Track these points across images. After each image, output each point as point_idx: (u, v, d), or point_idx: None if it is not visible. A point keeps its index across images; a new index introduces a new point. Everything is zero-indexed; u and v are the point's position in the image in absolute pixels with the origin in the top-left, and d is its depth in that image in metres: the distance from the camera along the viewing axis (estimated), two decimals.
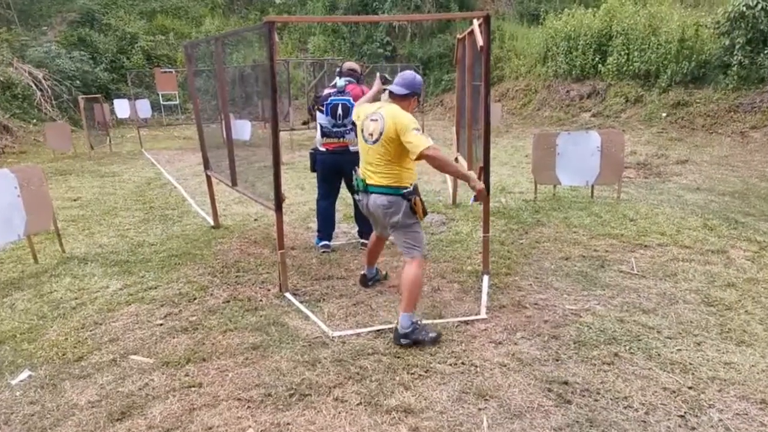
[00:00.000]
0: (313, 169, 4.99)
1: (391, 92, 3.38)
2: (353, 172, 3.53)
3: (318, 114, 4.78)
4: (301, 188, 7.91)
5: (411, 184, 3.33)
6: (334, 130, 4.73)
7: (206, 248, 5.27)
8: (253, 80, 15.66)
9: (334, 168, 4.81)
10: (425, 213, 3.33)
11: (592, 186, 6.75)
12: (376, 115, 3.30)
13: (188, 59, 6.15)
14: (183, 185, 8.51)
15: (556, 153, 6.68)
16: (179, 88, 18.81)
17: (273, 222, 4.97)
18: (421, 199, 3.33)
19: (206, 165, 5.94)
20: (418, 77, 3.39)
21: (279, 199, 3.94)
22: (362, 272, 4.19)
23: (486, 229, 4.28)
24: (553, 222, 5.78)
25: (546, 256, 4.81)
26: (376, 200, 3.33)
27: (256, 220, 6.30)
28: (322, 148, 4.80)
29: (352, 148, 4.65)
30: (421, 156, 3.07)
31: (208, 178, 6.03)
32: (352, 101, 4.63)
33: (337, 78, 4.77)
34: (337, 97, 4.69)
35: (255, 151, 8.47)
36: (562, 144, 6.67)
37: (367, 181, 3.34)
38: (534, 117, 14.85)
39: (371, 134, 3.29)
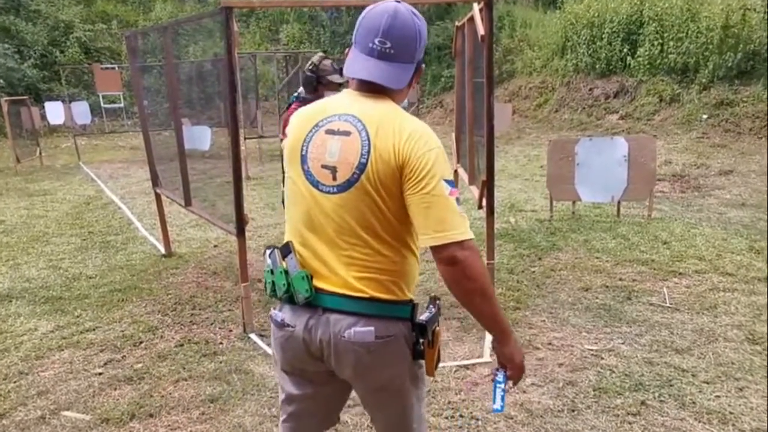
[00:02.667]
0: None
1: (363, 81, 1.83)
2: (269, 255, 1.94)
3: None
4: (272, 208, 7.99)
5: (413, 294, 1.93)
6: None
7: (156, 281, 5.33)
8: (214, 78, 15.83)
9: None
10: (437, 365, 1.92)
11: (619, 202, 6.89)
12: (342, 121, 1.80)
13: (131, 53, 6.27)
14: (129, 205, 8.58)
15: (576, 163, 6.84)
16: (125, 88, 18.96)
17: (235, 249, 5.04)
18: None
19: (155, 181, 6.03)
20: (419, 22, 1.80)
21: (241, 222, 4.02)
22: None
23: (491, 255, 4.38)
24: (572, 246, 5.89)
25: (562, 286, 4.91)
26: (341, 330, 1.79)
27: (215, 246, 6.38)
28: None
29: None
30: (444, 252, 1.69)
31: (158, 196, 6.11)
32: None
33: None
34: None
35: (216, 164, 8.56)
36: (583, 152, 6.83)
37: (319, 283, 1.82)
38: (551, 120, 15.08)
39: (330, 168, 1.78)
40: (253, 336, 4.14)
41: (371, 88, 1.79)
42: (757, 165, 9.82)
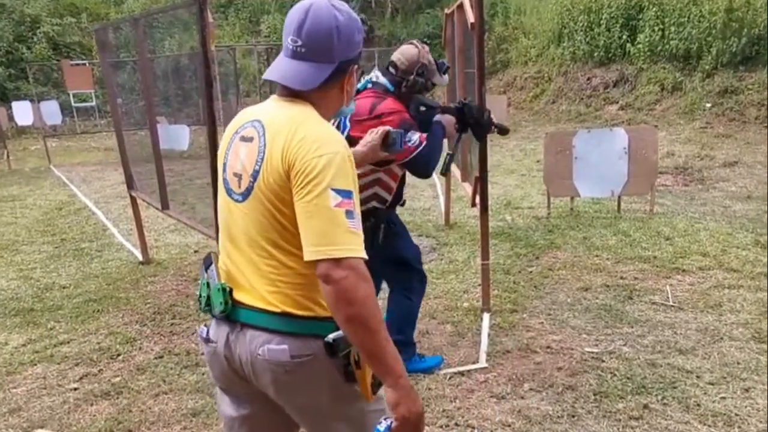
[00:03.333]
0: None
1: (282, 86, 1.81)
2: (209, 267, 1.90)
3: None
4: None
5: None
6: None
7: (133, 290, 5.34)
8: (191, 73, 15.80)
9: None
10: (377, 385, 1.77)
11: (619, 197, 6.94)
12: (251, 127, 1.80)
13: (102, 48, 6.26)
14: (103, 210, 8.56)
15: (573, 157, 6.88)
16: (97, 86, 18.89)
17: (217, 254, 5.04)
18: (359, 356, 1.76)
19: (130, 183, 6.03)
20: (342, 18, 1.74)
21: None
22: None
23: (485, 256, 4.40)
24: (571, 244, 5.94)
25: (561, 286, 4.96)
26: (257, 348, 1.76)
27: (196, 252, 6.38)
28: None
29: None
30: (319, 269, 1.61)
31: (134, 200, 6.11)
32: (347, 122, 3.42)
33: None
34: None
35: (195, 165, 8.56)
36: (581, 145, 6.87)
37: (239, 296, 1.80)
38: (548, 112, 15.15)
39: (238, 176, 1.79)
40: None
41: (289, 92, 1.76)
42: (763, 155, 9.88)
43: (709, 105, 12.36)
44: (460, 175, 5.84)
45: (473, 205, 4.80)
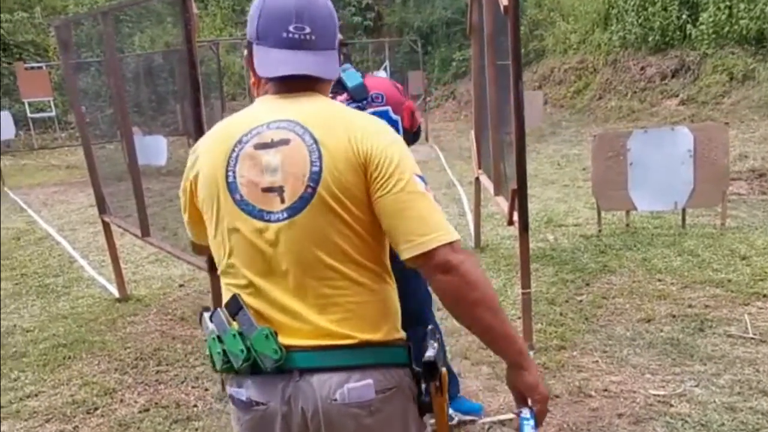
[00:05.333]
0: None
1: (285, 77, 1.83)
2: (208, 319, 1.87)
3: None
4: None
5: None
6: None
7: (110, 332, 5.39)
8: (166, 74, 15.97)
9: None
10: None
11: (683, 210, 6.94)
12: (274, 129, 1.78)
13: (64, 47, 6.33)
14: (69, 239, 8.64)
15: (628, 163, 6.88)
16: (55, 92, 19.05)
17: (207, 288, 5.11)
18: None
19: (101, 207, 6.11)
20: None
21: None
22: None
23: (526, 283, 4.41)
24: (627, 267, 5.95)
25: (618, 318, 4.97)
26: (331, 392, 1.73)
27: (181, 285, 6.45)
28: None
29: None
30: (435, 258, 1.68)
31: (106, 226, 6.18)
32: (393, 117, 3.55)
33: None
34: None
35: (175, 182, 8.63)
36: (636, 149, 6.87)
37: (287, 339, 1.74)
38: (593, 110, 15.13)
39: (276, 189, 1.74)
40: None
41: (296, 87, 1.81)
42: None
43: None
44: (493, 188, 5.85)
45: (510, 223, 4.84)
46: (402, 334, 1.85)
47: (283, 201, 1.72)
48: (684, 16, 14.46)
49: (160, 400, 4.22)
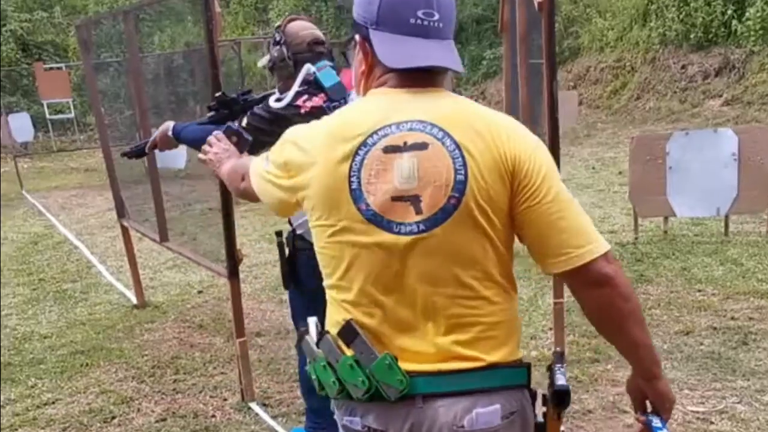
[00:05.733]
0: (291, 283, 3.57)
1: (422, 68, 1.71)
2: (315, 344, 1.83)
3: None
4: (269, 240, 8.03)
5: None
6: None
7: (127, 339, 5.42)
8: (186, 74, 16.03)
9: None
10: None
11: (726, 216, 6.83)
12: (405, 131, 1.66)
13: (84, 47, 6.37)
14: (87, 244, 8.71)
15: (667, 167, 6.79)
16: (75, 93, 19.17)
17: (226, 295, 5.13)
18: None
19: (120, 211, 6.15)
20: None
21: (234, 260, 4.10)
22: None
23: (559, 293, 4.36)
24: (666, 276, 5.88)
25: (655, 330, 4.87)
26: (457, 419, 1.69)
27: (200, 292, 6.47)
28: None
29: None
30: (592, 271, 1.65)
31: (125, 230, 6.20)
32: None
33: (309, 66, 3.35)
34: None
35: (195, 186, 8.70)
36: (677, 152, 6.78)
37: (408, 364, 1.68)
38: (631, 111, 14.97)
39: (410, 198, 1.65)
40: (254, 406, 4.16)
41: (423, 80, 1.70)
42: None
43: None
44: None
45: None
46: (521, 353, 1.80)
47: (419, 212, 1.62)
48: (729, 12, 14.14)
49: (178, 410, 4.22)
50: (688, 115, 13.54)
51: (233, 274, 4.09)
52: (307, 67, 3.18)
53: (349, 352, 1.68)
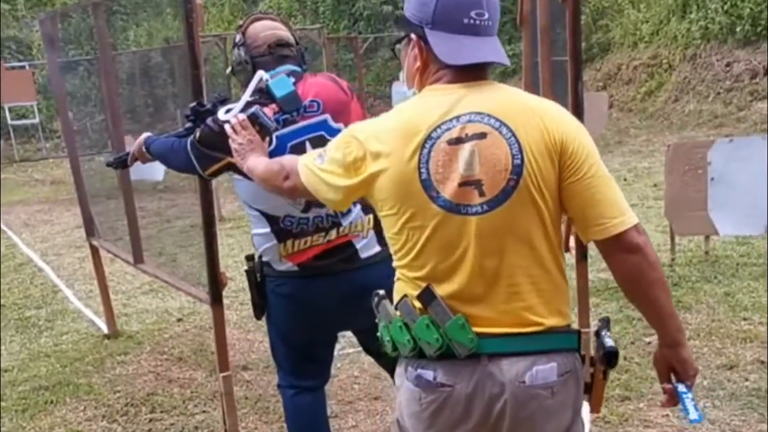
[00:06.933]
0: (261, 313, 3.72)
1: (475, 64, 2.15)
2: (394, 306, 2.25)
3: (235, 175, 3.41)
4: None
5: None
6: (312, 215, 3.42)
7: (97, 373, 5.35)
8: (165, 74, 16.09)
9: (326, 310, 3.53)
10: None
11: None
12: (464, 123, 2.07)
13: (50, 44, 6.33)
14: (53, 265, 8.72)
15: (709, 178, 6.71)
16: (40, 95, 19.21)
17: (208, 324, 5.10)
18: None
19: (89, 229, 6.12)
20: None
21: (216, 284, 4.06)
22: None
23: (584, 321, 4.35)
24: (706, 302, 5.79)
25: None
26: (519, 375, 2.10)
27: (179, 320, 6.41)
28: (285, 265, 3.50)
29: (362, 248, 3.48)
30: (625, 240, 2.08)
31: (95, 250, 6.15)
32: (333, 126, 3.35)
33: (261, 73, 3.26)
34: (298, 125, 3.35)
35: (174, 200, 8.68)
36: (719, 161, 6.69)
37: (476, 327, 2.08)
38: (668, 114, 15.00)
39: (473, 183, 2.06)
40: None
41: (476, 75, 2.12)
42: None
43: None
44: None
45: (566, 249, 4.77)
46: (572, 320, 2.27)
47: (482, 195, 2.05)
48: None
49: None
50: (733, 120, 13.55)
51: (216, 299, 4.01)
52: (260, 74, 3.21)
53: (429, 313, 2.09)
